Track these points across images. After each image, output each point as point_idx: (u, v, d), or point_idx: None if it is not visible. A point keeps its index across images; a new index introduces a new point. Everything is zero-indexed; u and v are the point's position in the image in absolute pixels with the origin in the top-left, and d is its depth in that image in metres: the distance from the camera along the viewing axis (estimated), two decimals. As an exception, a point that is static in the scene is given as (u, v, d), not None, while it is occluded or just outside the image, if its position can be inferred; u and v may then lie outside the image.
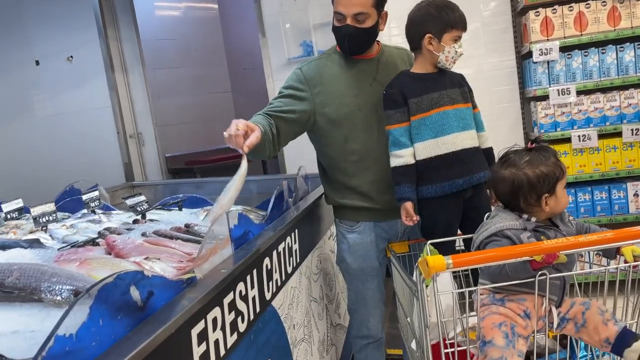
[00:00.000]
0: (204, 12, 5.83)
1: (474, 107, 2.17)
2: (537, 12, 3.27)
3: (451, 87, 2.06)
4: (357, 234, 2.14)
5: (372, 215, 2.13)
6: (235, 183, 1.74)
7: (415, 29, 2.01)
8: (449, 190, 2.03)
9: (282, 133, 1.99)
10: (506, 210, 1.53)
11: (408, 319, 1.80)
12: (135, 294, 1.04)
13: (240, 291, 1.37)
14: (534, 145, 1.53)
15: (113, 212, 2.33)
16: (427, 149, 2.02)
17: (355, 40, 2.02)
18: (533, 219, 1.49)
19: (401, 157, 2.01)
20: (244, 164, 1.76)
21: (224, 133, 1.75)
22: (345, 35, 2.00)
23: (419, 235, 2.19)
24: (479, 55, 3.65)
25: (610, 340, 1.40)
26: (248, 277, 1.43)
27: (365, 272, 2.16)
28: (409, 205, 1.98)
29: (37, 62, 4.60)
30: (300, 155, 2.94)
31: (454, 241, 2.07)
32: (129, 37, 4.49)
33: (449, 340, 1.52)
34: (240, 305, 1.37)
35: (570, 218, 1.57)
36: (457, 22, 1.99)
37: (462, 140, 2.04)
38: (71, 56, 4.49)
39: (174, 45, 5.41)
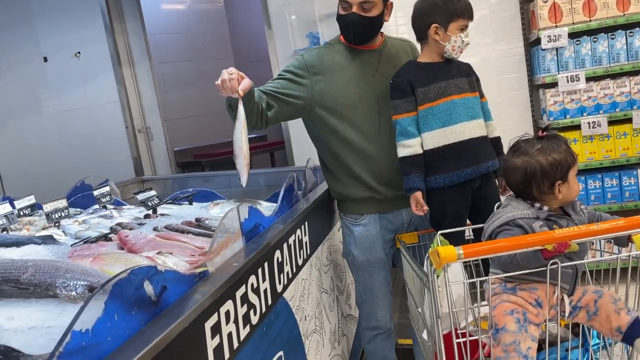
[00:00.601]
0: (209, 4, 5.82)
1: (482, 96, 2.16)
2: (545, -2, 3.24)
3: (458, 76, 2.05)
4: (362, 227, 2.14)
5: (376, 206, 2.13)
6: (243, 136, 1.69)
7: (422, 19, 2.00)
8: (457, 180, 2.03)
9: (272, 110, 1.96)
10: (518, 199, 1.53)
11: (419, 309, 1.80)
12: (149, 288, 1.05)
13: (252, 284, 1.38)
14: (544, 133, 1.52)
15: (124, 207, 2.35)
16: (435, 138, 2.02)
17: (360, 28, 2.01)
18: (545, 208, 1.48)
19: (409, 147, 2.00)
20: (241, 110, 1.71)
21: (216, 82, 1.72)
22: (351, 23, 1.99)
23: (425, 224, 2.19)
24: (486, 43, 3.62)
25: (622, 329, 1.40)
26: (259, 270, 1.44)
27: (372, 264, 2.17)
28: (418, 194, 1.98)
29: (45, 59, 4.62)
30: (308, 148, 2.94)
31: (464, 231, 2.07)
32: (136, 32, 4.50)
33: (460, 330, 1.53)
34: (253, 298, 1.38)
35: (582, 207, 1.57)
36: (463, 12, 1.98)
37: (470, 129, 2.03)
38: (79, 52, 4.50)
39: (180, 39, 5.41)
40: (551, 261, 1.30)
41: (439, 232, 1.77)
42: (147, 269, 1.05)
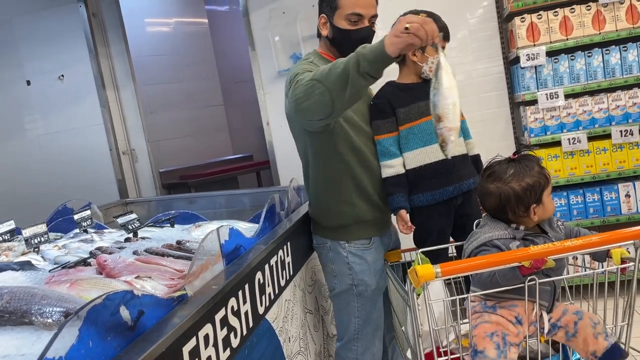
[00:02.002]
0: (194, 27, 5.87)
1: (461, 115, 2.18)
2: (523, 18, 3.31)
3: None
4: (374, 250, 2.04)
5: (380, 227, 2.09)
6: (452, 91, 1.47)
7: None
8: (439, 198, 2.05)
9: None
10: (495, 219, 1.54)
11: (403, 328, 1.80)
12: (125, 313, 1.04)
13: (232, 306, 1.38)
14: (516, 155, 1.54)
15: (105, 230, 2.33)
16: (417, 158, 2.04)
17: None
18: (522, 227, 1.50)
19: (392, 167, 2.02)
20: (444, 58, 1.49)
21: (405, 26, 1.43)
22: (367, 37, 1.91)
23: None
24: (467, 62, 3.68)
25: (598, 354, 1.41)
26: (240, 292, 1.43)
27: (380, 291, 2.08)
28: (403, 213, 2.00)
29: (28, 82, 4.60)
30: (294, 168, 2.95)
31: (447, 249, 2.08)
32: (120, 54, 4.51)
33: (442, 348, 1.53)
34: (233, 320, 1.37)
35: (559, 223, 1.59)
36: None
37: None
38: (62, 75, 4.50)
39: (165, 61, 5.44)
40: (529, 278, 1.31)
41: (420, 250, 1.78)
42: (123, 294, 1.04)
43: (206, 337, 1.21)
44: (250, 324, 1.49)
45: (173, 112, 5.42)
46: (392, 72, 1.98)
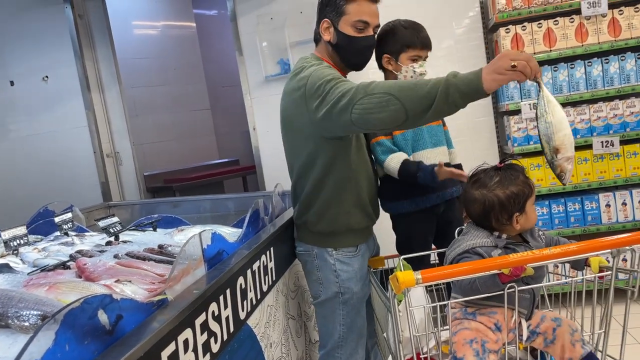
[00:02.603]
0: (181, 30, 5.86)
1: (444, 124, 2.21)
2: (508, 29, 3.35)
3: None
4: (360, 257, 2.03)
5: (367, 234, 2.09)
6: (564, 121, 1.53)
7: (377, 49, 2.05)
8: (422, 206, 2.07)
9: None
10: (478, 227, 1.56)
11: (384, 334, 1.81)
12: (103, 317, 1.03)
13: (213, 311, 1.37)
14: (502, 164, 1.56)
15: (87, 234, 2.31)
16: None
17: (372, 53, 1.97)
18: (504, 236, 1.51)
19: (397, 158, 2.02)
20: (548, 92, 1.56)
21: (511, 63, 1.43)
22: (371, 46, 1.93)
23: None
24: (452, 69, 3.71)
25: None
26: (221, 297, 1.43)
27: (364, 298, 2.06)
28: (442, 169, 1.94)
29: (12, 83, 4.55)
30: (280, 172, 2.94)
31: (429, 255, 2.10)
32: (106, 57, 4.48)
33: (423, 354, 1.54)
34: (213, 325, 1.36)
35: (540, 232, 1.61)
36: (413, 42, 2.02)
37: (435, 156, 2.08)
38: (46, 76, 4.46)
39: (152, 64, 5.42)
40: (508, 285, 1.33)
41: (402, 256, 1.79)
42: (102, 298, 1.03)
43: (186, 341, 1.20)
44: (231, 329, 1.48)
45: (159, 115, 5.39)
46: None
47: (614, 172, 3.31)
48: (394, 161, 2.02)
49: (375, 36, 1.96)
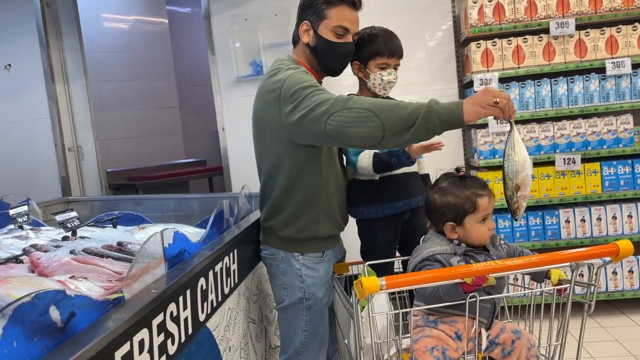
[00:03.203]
0: (153, 26, 5.76)
1: None
2: (479, 44, 3.42)
3: None
4: (326, 263, 2.01)
5: (334, 241, 2.07)
6: (526, 154, 1.60)
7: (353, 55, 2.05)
8: (388, 212, 2.07)
9: None
10: (439, 234, 1.57)
11: (345, 340, 1.80)
12: (55, 314, 0.99)
13: (172, 312, 1.33)
14: (461, 173, 1.59)
15: (42, 228, 2.22)
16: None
17: (350, 59, 1.98)
18: (463, 244, 1.53)
19: (367, 154, 2.01)
20: (517, 133, 1.63)
21: (493, 100, 1.51)
22: (350, 52, 1.93)
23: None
24: (424, 82, 3.77)
25: None
26: (180, 298, 1.39)
27: (328, 304, 2.04)
28: (416, 146, 1.95)
29: (-28, 69, 4.38)
30: (246, 174, 2.90)
31: (393, 263, 2.10)
32: (72, 48, 4.36)
33: (383, 362, 1.53)
34: (171, 326, 1.32)
35: (502, 242, 1.63)
36: (381, 50, 2.02)
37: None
38: (9, 64, 4.31)
39: (121, 58, 5.30)
40: (470, 294, 1.33)
41: (367, 263, 1.79)
42: (54, 294, 0.99)
43: (141, 342, 1.16)
44: (190, 331, 1.44)
45: (125, 111, 5.27)
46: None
47: (574, 188, 3.40)
48: (365, 157, 2.02)
49: (354, 43, 1.96)
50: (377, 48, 2.01)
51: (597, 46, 3.36)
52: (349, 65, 2.06)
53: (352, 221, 2.22)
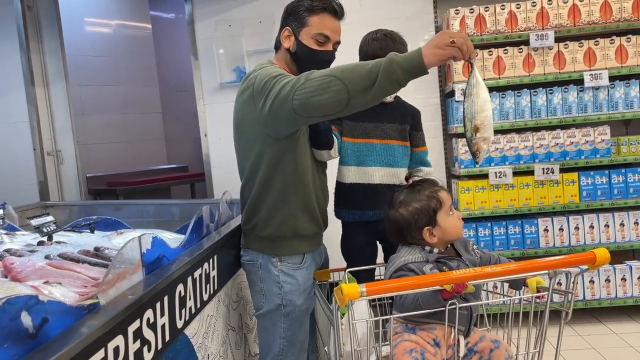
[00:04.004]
0: (136, 31, 5.72)
1: (418, 145, 2.21)
2: (460, 54, 3.45)
3: (390, 121, 2.11)
4: (305, 270, 1.98)
5: (315, 243, 2.05)
6: (487, 95, 1.57)
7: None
8: (358, 219, 2.10)
9: None
10: (410, 245, 1.58)
11: (325, 348, 1.79)
12: (26, 320, 0.97)
13: (149, 318, 1.31)
14: (411, 182, 1.61)
15: (18, 232, 2.18)
16: (351, 174, 2.10)
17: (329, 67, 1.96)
18: (435, 250, 1.54)
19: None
20: (479, 75, 1.61)
21: (450, 39, 1.51)
22: (329, 61, 1.93)
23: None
24: (407, 91, 3.73)
25: None
26: (158, 304, 1.37)
27: (307, 311, 2.02)
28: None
29: (-51, 71, 4.30)
30: (228, 180, 2.88)
31: (374, 271, 2.11)
32: (53, 51, 4.31)
33: (363, 369, 1.52)
34: (148, 333, 1.30)
35: (475, 247, 1.64)
36: (377, 55, 2.04)
37: (381, 175, 2.10)
38: (-12, 67, 4.24)
39: (103, 63, 5.26)
40: (449, 302, 1.34)
41: (348, 269, 1.79)
42: (26, 299, 0.97)
43: (116, 349, 1.14)
44: (167, 338, 1.42)
45: (107, 115, 5.22)
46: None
47: (553, 198, 3.44)
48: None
49: (335, 52, 1.97)
50: (370, 52, 2.08)
51: (576, 58, 3.42)
52: None
53: (337, 228, 2.22)
